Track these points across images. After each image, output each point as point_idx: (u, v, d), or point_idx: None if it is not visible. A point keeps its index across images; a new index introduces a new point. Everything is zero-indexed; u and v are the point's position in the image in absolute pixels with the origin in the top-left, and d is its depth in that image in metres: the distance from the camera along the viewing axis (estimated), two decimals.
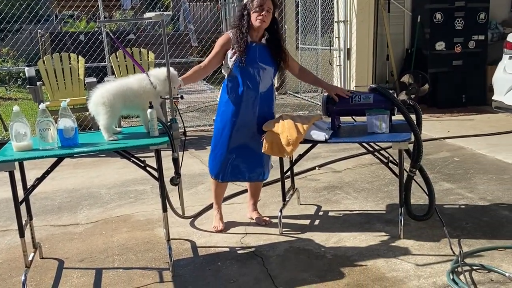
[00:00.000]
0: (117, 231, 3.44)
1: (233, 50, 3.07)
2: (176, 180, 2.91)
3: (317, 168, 4.77)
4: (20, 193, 2.63)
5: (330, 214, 3.59)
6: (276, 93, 9.76)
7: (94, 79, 6.06)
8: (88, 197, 4.20)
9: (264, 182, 3.76)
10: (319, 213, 3.61)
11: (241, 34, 3.05)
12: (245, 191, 4.02)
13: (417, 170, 3.15)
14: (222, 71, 3.21)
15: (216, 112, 3.26)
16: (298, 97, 9.45)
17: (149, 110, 2.81)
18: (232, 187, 4.16)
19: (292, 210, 3.67)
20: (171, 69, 2.94)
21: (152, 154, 2.76)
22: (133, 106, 2.91)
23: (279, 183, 3.52)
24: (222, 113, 3.17)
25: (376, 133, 3.05)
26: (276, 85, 9.92)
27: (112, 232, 3.43)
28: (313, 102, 8.69)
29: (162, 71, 2.94)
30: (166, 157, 2.79)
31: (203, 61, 3.20)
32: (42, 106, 2.65)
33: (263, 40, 3.12)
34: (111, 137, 2.80)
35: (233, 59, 3.07)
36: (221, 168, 3.22)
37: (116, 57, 6.30)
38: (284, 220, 3.36)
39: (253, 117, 3.14)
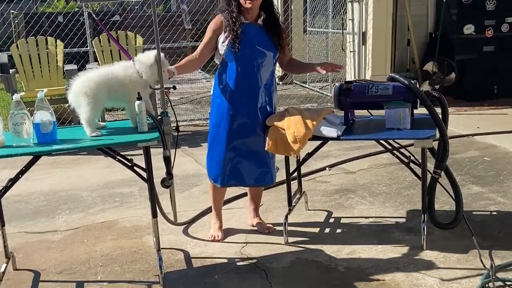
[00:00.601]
0: (101, 239, 3.45)
1: (225, 34, 3.06)
2: (167, 181, 2.91)
3: (327, 168, 4.76)
4: None
5: (343, 221, 3.58)
6: (281, 83, 9.91)
7: (75, 67, 6.07)
8: (67, 200, 4.21)
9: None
10: (330, 220, 3.61)
11: (233, 15, 3.04)
12: (244, 194, 4.01)
13: (442, 172, 3.14)
14: (215, 59, 3.20)
15: (210, 106, 3.26)
16: (306, 87, 9.44)
17: (137, 102, 2.80)
18: (230, 190, 4.16)
19: (299, 217, 3.67)
20: (154, 52, 2.92)
21: (140, 152, 2.76)
22: (118, 97, 2.91)
23: (284, 185, 3.52)
24: (218, 106, 3.17)
25: (396, 129, 3.04)
26: (279, 73, 10.05)
27: (94, 240, 3.43)
28: (323, 94, 8.67)
29: (148, 55, 2.93)
30: (156, 155, 2.79)
31: (198, 46, 3.19)
32: (16, 97, 2.65)
33: (260, 21, 3.11)
34: (94, 133, 2.80)
35: (226, 43, 3.06)
36: (220, 170, 3.22)
37: (100, 42, 6.30)
38: (290, 228, 3.36)
39: (253, 110, 3.14)
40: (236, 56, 3.06)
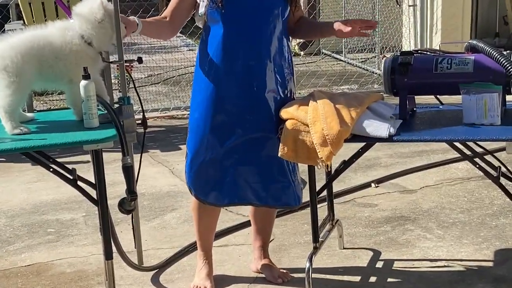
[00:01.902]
0: None
1: None
2: (128, 204, 2.91)
3: (374, 185, 4.76)
4: None
5: (396, 265, 3.58)
6: (302, 53, 9.91)
7: None
8: None
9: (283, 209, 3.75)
10: (377, 265, 3.60)
11: None
12: (246, 224, 4.02)
13: None
14: (196, 21, 3.23)
15: (192, 89, 3.27)
16: (341, 60, 9.46)
17: (82, 83, 2.81)
18: (224, 217, 4.16)
19: (330, 259, 3.67)
20: (97, 2, 2.90)
21: (87, 158, 2.77)
22: (54, 75, 2.92)
23: (307, 211, 3.51)
24: (202, 92, 3.18)
25: (479, 125, 3.03)
26: (298, 39, 9.99)
27: None
28: (367, 70, 8.68)
29: (92, 4, 2.92)
30: (112, 163, 2.79)
31: None
32: None
33: None
34: (16, 129, 2.81)
35: (208, 3, 3.08)
36: (212, 180, 3.23)
37: None
38: (315, 276, 3.35)
39: (256, 96, 3.15)
40: (222, 16, 3.08)
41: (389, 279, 3.44)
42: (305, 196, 3.41)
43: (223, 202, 3.28)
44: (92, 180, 2.85)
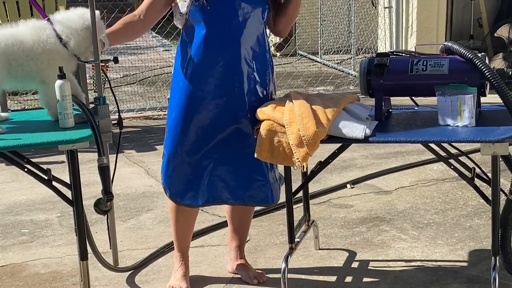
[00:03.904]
0: None
1: None
2: (104, 204, 2.90)
3: (349, 186, 4.78)
4: None
5: (372, 266, 3.59)
6: (278, 54, 9.94)
7: None
8: None
9: (255, 209, 3.74)
10: (353, 265, 3.61)
11: None
12: (222, 224, 4.01)
13: None
14: (175, 21, 3.22)
15: (170, 89, 3.27)
16: (317, 61, 9.48)
17: (57, 83, 2.80)
18: (199, 218, 4.15)
19: (306, 259, 3.67)
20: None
21: (62, 158, 2.75)
22: (25, 74, 2.90)
23: (283, 211, 3.51)
24: (181, 91, 3.17)
25: (453, 127, 3.05)
26: (276, 39, 10.03)
27: None
28: (343, 71, 8.71)
29: (75, 14, 2.94)
30: (87, 164, 2.78)
31: None
32: None
33: None
34: None
35: (189, 1, 3.07)
36: (188, 181, 3.22)
37: None
38: (291, 276, 3.35)
39: (236, 95, 3.15)
40: (205, 14, 3.08)
41: (365, 280, 3.45)
42: (281, 197, 3.42)
43: (198, 202, 3.26)
44: (67, 180, 2.83)
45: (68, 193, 2.84)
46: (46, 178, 2.88)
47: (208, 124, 3.16)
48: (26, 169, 2.85)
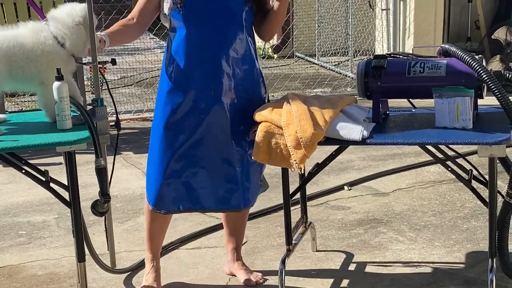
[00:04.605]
0: None
1: None
2: (101, 206, 2.89)
3: (347, 188, 4.78)
4: None
5: (369, 268, 3.59)
6: (275, 56, 9.94)
7: None
8: None
9: (252, 211, 3.74)
10: (350, 267, 3.62)
11: None
12: (219, 227, 4.01)
13: None
14: (162, 21, 3.24)
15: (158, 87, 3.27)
16: (315, 63, 9.48)
17: (55, 84, 2.79)
18: (197, 219, 4.15)
19: (304, 261, 3.68)
20: (81, 6, 2.92)
21: (60, 160, 2.75)
22: (25, 76, 2.90)
23: (280, 213, 3.51)
24: (167, 94, 3.18)
25: (451, 129, 3.05)
26: (274, 41, 10.01)
27: None
28: (341, 73, 8.71)
29: (70, 10, 2.92)
30: (85, 165, 2.78)
31: None
32: None
33: None
34: None
35: (171, 4, 3.08)
36: (167, 189, 3.20)
37: None
38: (288, 278, 3.36)
39: (213, 100, 3.13)
40: (183, 17, 3.08)
41: (362, 282, 3.45)
42: (279, 199, 3.42)
43: (171, 208, 3.24)
44: (65, 182, 2.83)
45: (65, 194, 2.83)
46: (43, 179, 2.87)
47: (184, 128, 3.15)
48: (23, 171, 2.85)
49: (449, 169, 3.29)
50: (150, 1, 3.16)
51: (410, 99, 3.45)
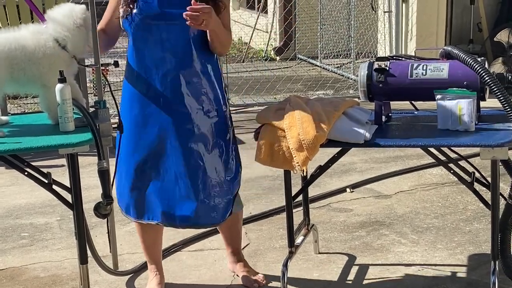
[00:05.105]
0: None
1: None
2: (104, 208, 2.89)
3: (349, 190, 4.78)
4: None
5: (371, 270, 3.59)
6: (278, 58, 9.91)
7: None
8: None
9: (255, 213, 3.74)
10: (352, 269, 3.61)
11: None
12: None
13: None
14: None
15: None
16: (317, 65, 9.47)
17: (58, 87, 2.79)
18: None
19: (306, 263, 3.68)
20: (81, 7, 2.90)
21: (62, 162, 2.75)
22: (27, 78, 2.90)
23: (283, 215, 3.51)
24: (128, 101, 3.19)
25: (453, 131, 3.05)
26: (277, 43, 9.98)
27: None
28: (343, 75, 8.71)
29: (69, 10, 2.91)
30: (88, 167, 2.78)
31: None
32: None
33: None
34: None
35: (121, 13, 3.08)
36: (135, 198, 3.19)
37: None
38: (291, 279, 3.35)
39: (169, 112, 3.10)
40: (134, 30, 3.07)
41: (364, 284, 3.45)
42: (281, 201, 3.42)
43: (143, 218, 3.22)
44: (67, 184, 2.82)
45: (68, 196, 2.83)
46: (46, 181, 2.87)
47: (144, 139, 3.14)
48: (26, 173, 2.85)
49: (452, 171, 3.29)
50: (115, 12, 3.14)
51: (413, 102, 3.45)
